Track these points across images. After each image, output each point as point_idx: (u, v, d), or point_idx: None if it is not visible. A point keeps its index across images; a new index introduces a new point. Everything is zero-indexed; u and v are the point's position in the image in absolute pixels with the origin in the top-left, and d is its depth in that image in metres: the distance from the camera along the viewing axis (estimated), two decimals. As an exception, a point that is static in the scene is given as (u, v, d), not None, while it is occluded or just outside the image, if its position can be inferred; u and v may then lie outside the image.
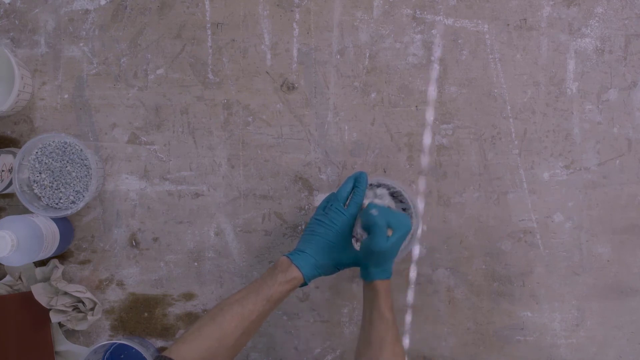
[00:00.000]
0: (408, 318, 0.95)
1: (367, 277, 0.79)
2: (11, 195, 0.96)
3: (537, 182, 0.95)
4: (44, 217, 0.89)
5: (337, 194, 0.81)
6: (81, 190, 0.92)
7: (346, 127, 0.95)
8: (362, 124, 0.95)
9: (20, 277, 0.95)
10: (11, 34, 0.96)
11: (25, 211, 0.92)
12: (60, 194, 0.92)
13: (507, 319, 0.95)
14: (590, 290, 0.95)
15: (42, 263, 0.95)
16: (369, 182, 0.85)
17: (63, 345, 0.96)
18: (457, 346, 0.96)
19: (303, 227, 0.96)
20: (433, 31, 0.95)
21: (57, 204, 0.92)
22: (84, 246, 0.96)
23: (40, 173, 0.91)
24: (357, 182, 0.82)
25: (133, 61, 0.96)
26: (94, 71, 0.96)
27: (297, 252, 0.78)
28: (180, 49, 0.95)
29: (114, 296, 0.97)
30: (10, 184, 0.90)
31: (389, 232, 0.76)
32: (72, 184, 0.92)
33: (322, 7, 0.95)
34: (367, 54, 0.95)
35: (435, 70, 0.94)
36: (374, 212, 0.77)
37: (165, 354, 0.67)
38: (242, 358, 0.97)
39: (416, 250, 0.95)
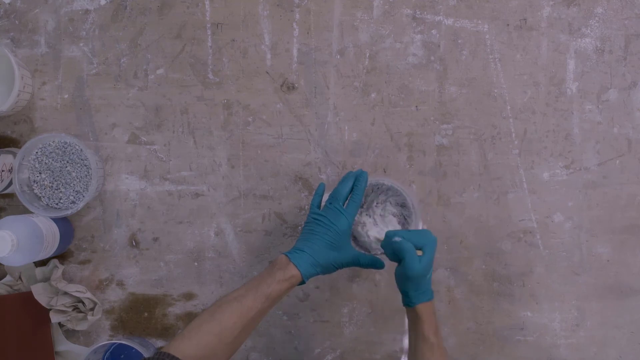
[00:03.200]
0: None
1: (409, 304, 0.78)
2: (11, 195, 0.96)
3: (537, 182, 0.95)
4: (44, 217, 0.89)
5: (336, 192, 0.81)
6: (81, 190, 0.92)
7: (346, 127, 0.95)
8: (362, 124, 0.95)
9: (20, 277, 0.95)
10: (11, 34, 0.96)
11: (25, 211, 0.92)
12: (60, 194, 0.92)
13: (507, 319, 0.95)
14: (590, 290, 0.95)
15: (42, 263, 0.95)
16: (369, 181, 0.85)
17: (63, 345, 0.96)
18: (457, 346, 0.96)
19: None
20: (433, 31, 0.95)
21: (57, 204, 0.92)
22: (84, 246, 0.96)
23: (40, 173, 0.91)
24: (357, 182, 0.81)
25: (133, 61, 0.96)
26: (94, 71, 0.96)
27: (295, 251, 0.78)
28: (180, 49, 0.96)
29: (114, 296, 0.97)
30: (10, 184, 0.90)
31: (419, 253, 0.76)
32: (72, 184, 0.92)
33: (322, 7, 0.95)
34: (367, 54, 0.95)
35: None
36: (397, 239, 0.77)
37: (164, 350, 0.67)
38: (242, 358, 0.97)
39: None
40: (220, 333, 0.71)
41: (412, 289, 0.77)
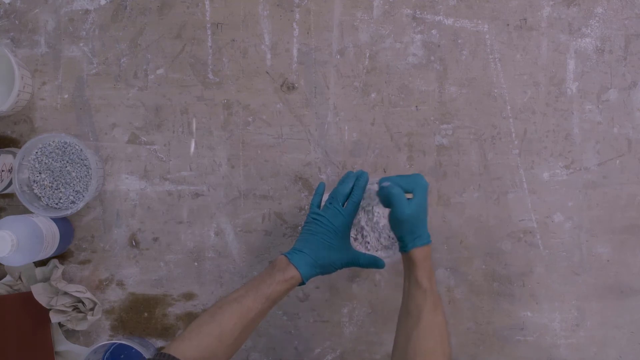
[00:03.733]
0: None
1: (404, 248, 0.78)
2: (11, 195, 0.96)
3: (537, 182, 0.95)
4: (44, 217, 0.89)
5: (335, 192, 0.81)
6: (81, 190, 0.92)
7: (346, 127, 0.95)
8: (362, 124, 0.95)
9: (20, 277, 0.95)
10: (11, 34, 0.96)
11: (25, 211, 0.92)
12: (60, 194, 0.92)
13: (507, 319, 0.95)
14: (590, 290, 0.95)
15: (42, 263, 0.95)
16: (369, 182, 0.85)
17: (63, 345, 0.96)
18: (457, 346, 0.96)
19: (303, 227, 0.96)
20: (433, 31, 0.95)
21: (57, 204, 0.92)
22: (84, 246, 0.96)
23: (40, 173, 0.91)
24: (357, 182, 0.81)
25: (133, 61, 0.96)
26: (94, 71, 0.96)
27: (295, 252, 0.78)
28: (180, 49, 0.96)
29: (114, 296, 0.97)
30: (10, 184, 0.90)
31: (409, 196, 0.76)
32: (72, 184, 0.92)
33: (322, 7, 0.95)
34: (367, 54, 0.95)
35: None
36: (385, 184, 0.77)
37: (165, 351, 0.67)
38: (242, 358, 0.97)
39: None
40: (220, 334, 0.71)
41: (406, 233, 0.77)
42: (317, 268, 0.78)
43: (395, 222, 0.77)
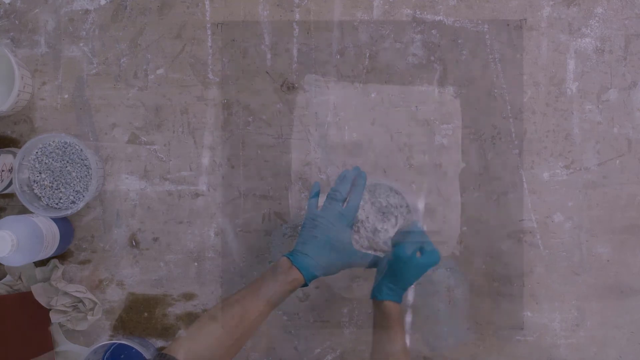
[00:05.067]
0: (408, 318, 0.95)
1: (378, 294, 0.79)
2: (11, 195, 0.96)
3: (537, 182, 0.95)
4: (44, 217, 0.89)
5: (334, 192, 0.80)
6: (81, 190, 0.92)
7: (346, 127, 0.95)
8: (362, 124, 0.95)
9: (20, 277, 0.95)
10: (11, 34, 0.96)
11: (25, 211, 0.92)
12: (60, 194, 0.92)
13: (507, 319, 0.95)
14: (590, 290, 0.95)
15: (42, 263, 0.95)
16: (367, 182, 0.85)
17: (63, 345, 0.96)
18: (457, 346, 0.96)
19: (303, 227, 0.96)
20: (433, 31, 0.95)
21: (57, 204, 0.92)
22: (84, 246, 0.96)
23: (40, 173, 0.91)
24: (356, 182, 0.81)
25: (133, 61, 0.96)
26: (94, 71, 0.96)
27: (297, 253, 0.77)
28: (180, 49, 0.96)
29: (114, 296, 0.97)
30: (10, 184, 0.90)
31: (418, 254, 0.79)
32: (72, 184, 0.92)
33: (322, 7, 0.95)
34: (367, 54, 0.95)
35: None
36: (420, 226, 0.80)
37: (165, 352, 0.67)
38: (242, 358, 0.97)
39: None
40: (221, 336, 0.71)
41: (389, 276, 0.79)
42: (320, 270, 0.77)
43: (393, 256, 0.80)
